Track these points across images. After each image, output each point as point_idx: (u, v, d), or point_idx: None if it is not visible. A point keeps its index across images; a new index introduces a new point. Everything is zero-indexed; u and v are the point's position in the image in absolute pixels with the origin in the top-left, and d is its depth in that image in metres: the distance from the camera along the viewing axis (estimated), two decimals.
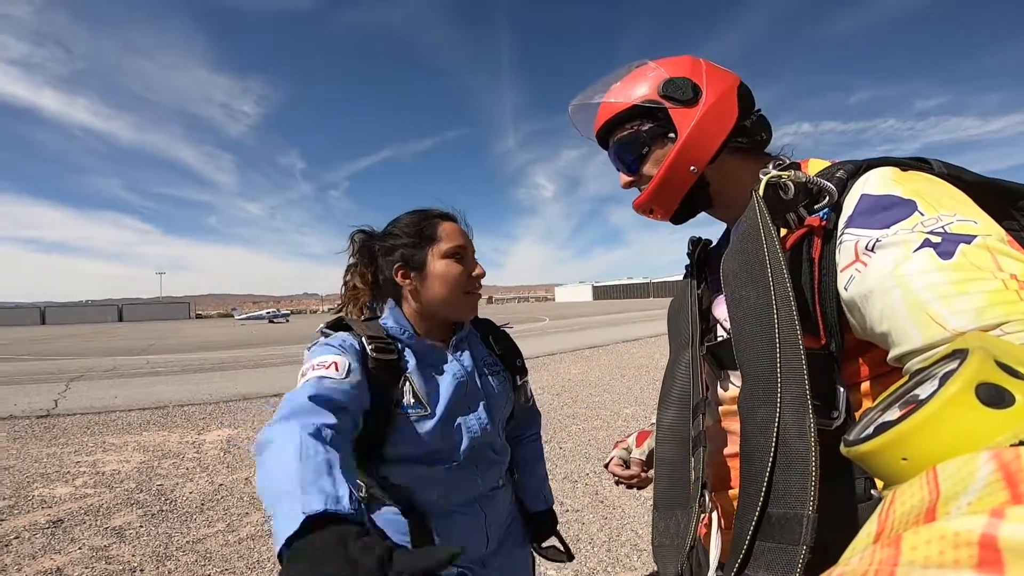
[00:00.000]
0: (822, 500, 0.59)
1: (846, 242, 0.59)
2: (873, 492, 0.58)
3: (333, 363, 0.93)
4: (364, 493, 1.06)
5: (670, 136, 0.77)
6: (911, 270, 0.51)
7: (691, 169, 0.77)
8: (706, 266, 0.92)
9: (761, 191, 0.66)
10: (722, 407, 0.80)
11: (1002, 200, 0.63)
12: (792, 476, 0.53)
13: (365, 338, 1.02)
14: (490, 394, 1.15)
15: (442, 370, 1.10)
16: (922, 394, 0.38)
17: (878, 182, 0.60)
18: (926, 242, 0.52)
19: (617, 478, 1.06)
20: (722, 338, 0.79)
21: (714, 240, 0.96)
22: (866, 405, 0.62)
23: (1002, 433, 0.31)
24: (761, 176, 0.67)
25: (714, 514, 0.78)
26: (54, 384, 9.61)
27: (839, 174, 0.63)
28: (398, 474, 1.03)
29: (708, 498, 0.74)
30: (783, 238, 0.66)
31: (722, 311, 0.79)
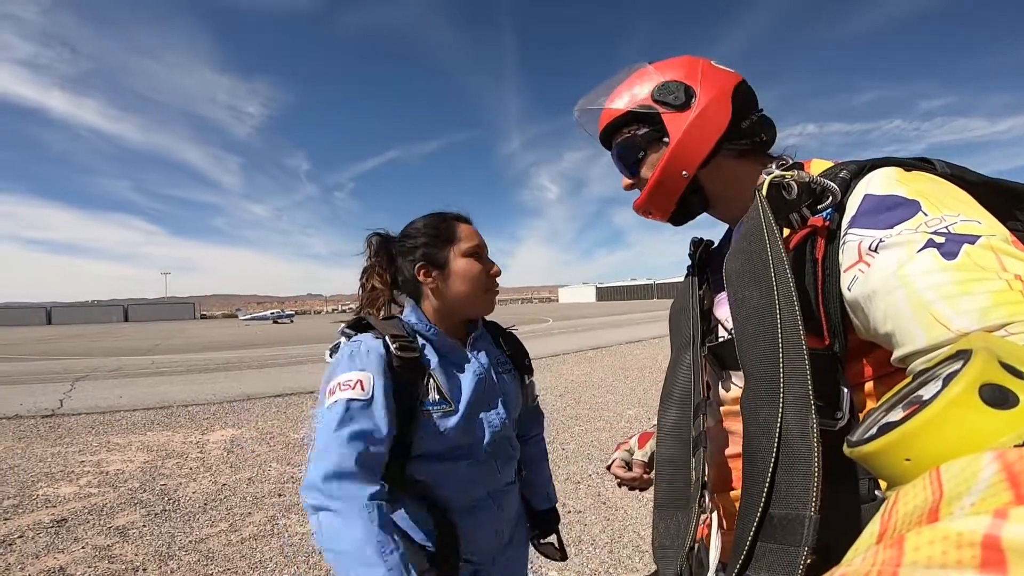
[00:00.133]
0: (825, 501, 0.59)
1: (849, 242, 0.59)
2: (877, 493, 0.58)
3: (358, 382, 0.96)
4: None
5: (664, 140, 0.78)
6: (915, 270, 0.51)
7: (683, 174, 0.77)
8: (708, 267, 0.92)
9: (764, 191, 0.65)
10: (724, 408, 0.80)
11: (1005, 200, 0.62)
12: (794, 477, 0.53)
13: (389, 337, 1.04)
14: (506, 391, 1.19)
15: (462, 367, 1.14)
16: (926, 395, 0.38)
17: (882, 182, 0.59)
18: (930, 242, 0.51)
19: (619, 480, 1.06)
20: (723, 338, 0.79)
21: (716, 241, 0.96)
22: (869, 406, 0.61)
23: (1006, 434, 0.31)
24: (764, 176, 0.66)
25: (714, 515, 0.77)
26: (59, 384, 9.66)
27: (842, 174, 0.63)
28: (421, 471, 1.05)
29: (708, 499, 0.74)
30: (786, 238, 0.65)
31: (723, 311, 0.79)
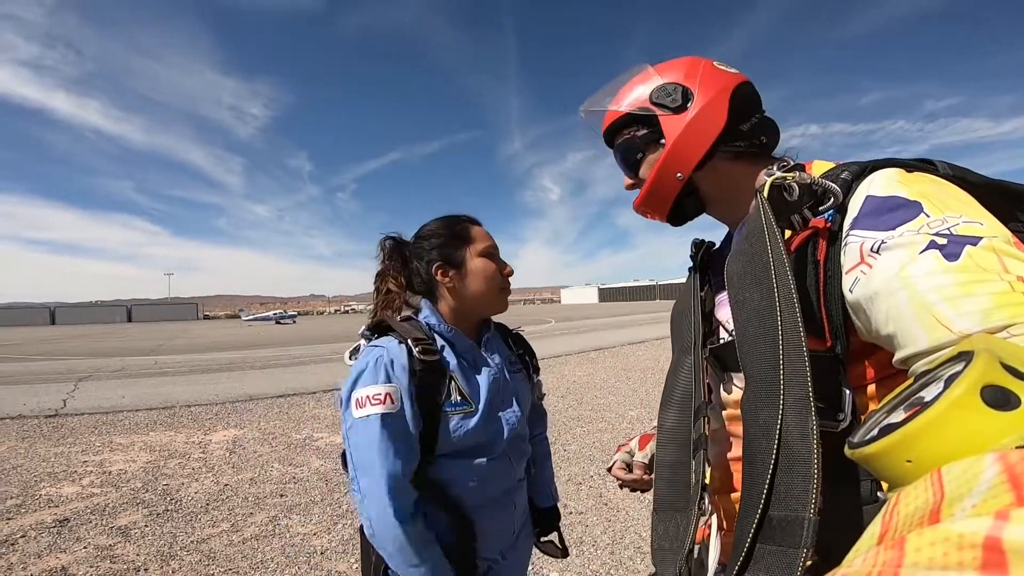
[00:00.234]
0: (827, 502, 0.58)
1: (851, 244, 0.58)
2: (879, 494, 0.57)
3: (387, 395, 0.99)
4: None
5: (661, 142, 0.78)
6: (917, 272, 0.51)
7: (677, 176, 0.78)
8: (709, 268, 0.92)
9: (766, 193, 0.65)
10: (727, 411, 0.80)
11: (1007, 202, 0.62)
12: (794, 479, 0.53)
13: (411, 340, 1.07)
14: (518, 389, 1.23)
15: (479, 367, 1.16)
16: (927, 396, 0.38)
17: (883, 183, 0.59)
18: (932, 244, 0.51)
19: (621, 482, 1.06)
20: (725, 340, 0.78)
21: (717, 242, 0.96)
22: (871, 407, 0.61)
23: (1007, 435, 0.31)
24: (765, 177, 0.66)
25: (714, 517, 0.77)
26: (63, 384, 9.69)
27: (844, 175, 0.63)
28: (441, 470, 1.07)
29: (708, 501, 0.73)
30: (788, 240, 0.65)
31: (725, 313, 0.79)
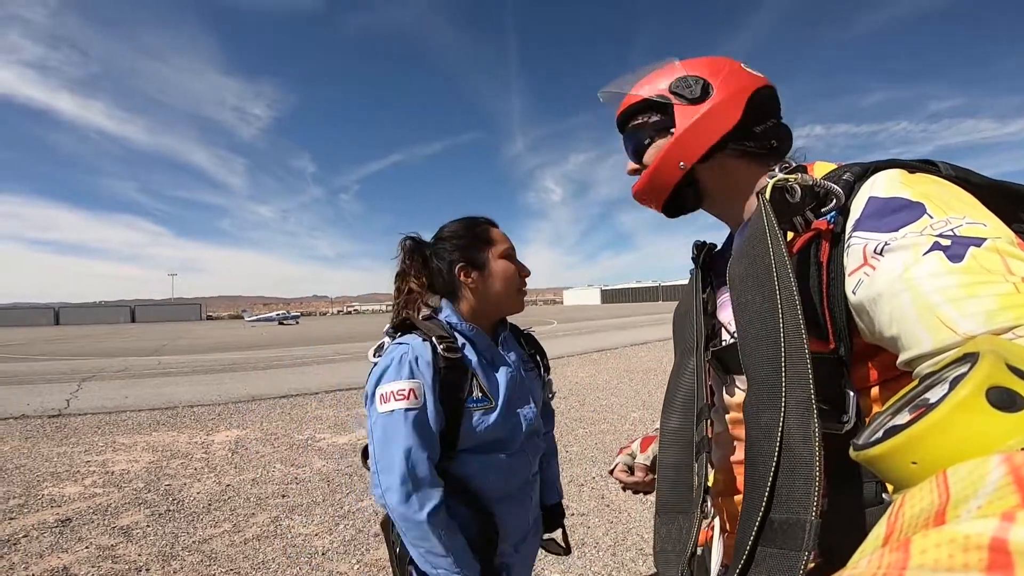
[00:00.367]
0: (832, 504, 0.58)
1: (854, 245, 0.58)
2: (884, 496, 0.57)
3: (410, 391, 1.03)
4: None
5: (671, 131, 0.78)
6: (921, 273, 0.50)
7: (679, 165, 0.78)
8: (711, 270, 0.92)
9: (768, 195, 0.65)
10: (730, 414, 0.80)
11: (1010, 203, 0.62)
12: (796, 481, 0.52)
13: (436, 338, 1.10)
14: (532, 387, 1.27)
15: (497, 365, 1.21)
16: (932, 398, 0.38)
17: (886, 184, 0.59)
18: (935, 245, 0.51)
19: (623, 484, 1.06)
20: (727, 342, 0.78)
21: (719, 244, 0.95)
22: (876, 409, 0.61)
23: (1013, 437, 0.31)
24: (767, 179, 0.66)
25: (716, 519, 0.77)
26: (66, 384, 9.73)
27: (846, 176, 0.62)
28: (463, 465, 1.10)
29: (711, 503, 0.73)
30: (790, 242, 0.65)
31: (726, 315, 0.79)
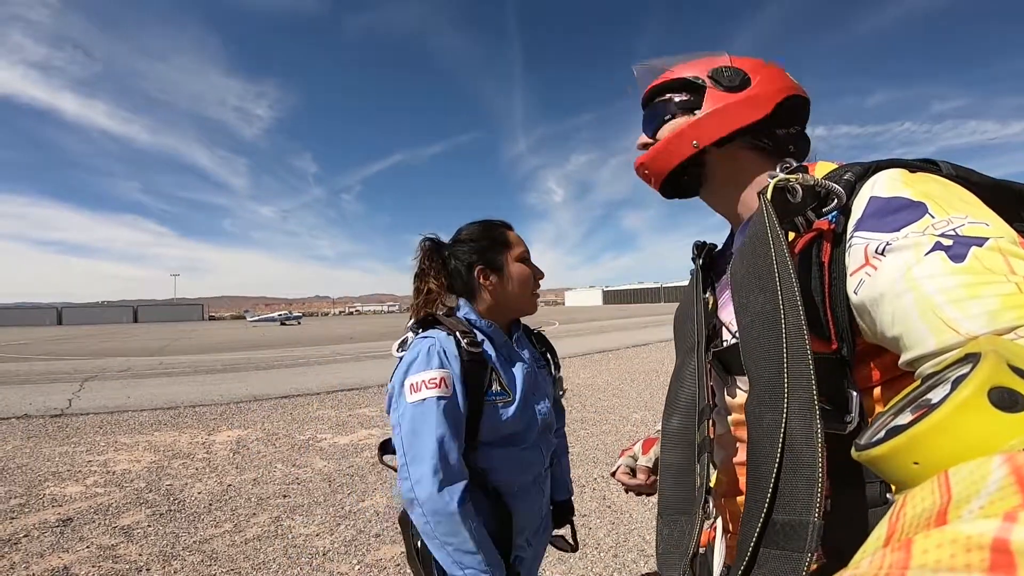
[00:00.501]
0: (836, 504, 0.58)
1: (855, 245, 0.58)
2: (888, 496, 0.57)
3: (441, 379, 1.06)
4: None
5: (695, 112, 0.78)
6: (922, 273, 0.50)
7: (693, 143, 0.78)
8: (711, 271, 0.92)
9: (769, 195, 0.65)
10: (732, 416, 0.79)
11: (1011, 202, 0.61)
12: (798, 482, 0.52)
13: (459, 332, 1.14)
14: (545, 383, 1.31)
15: (513, 361, 1.24)
16: (934, 398, 0.37)
17: (887, 184, 0.59)
18: (937, 245, 0.51)
19: (625, 486, 1.06)
20: (728, 343, 0.78)
21: (719, 244, 0.95)
22: (878, 410, 0.61)
23: (1015, 437, 0.30)
24: (769, 179, 0.66)
25: (719, 520, 0.77)
26: (69, 384, 9.76)
27: (847, 176, 0.62)
28: (482, 458, 1.13)
29: (713, 504, 0.73)
30: (791, 242, 0.65)
31: (727, 315, 0.78)
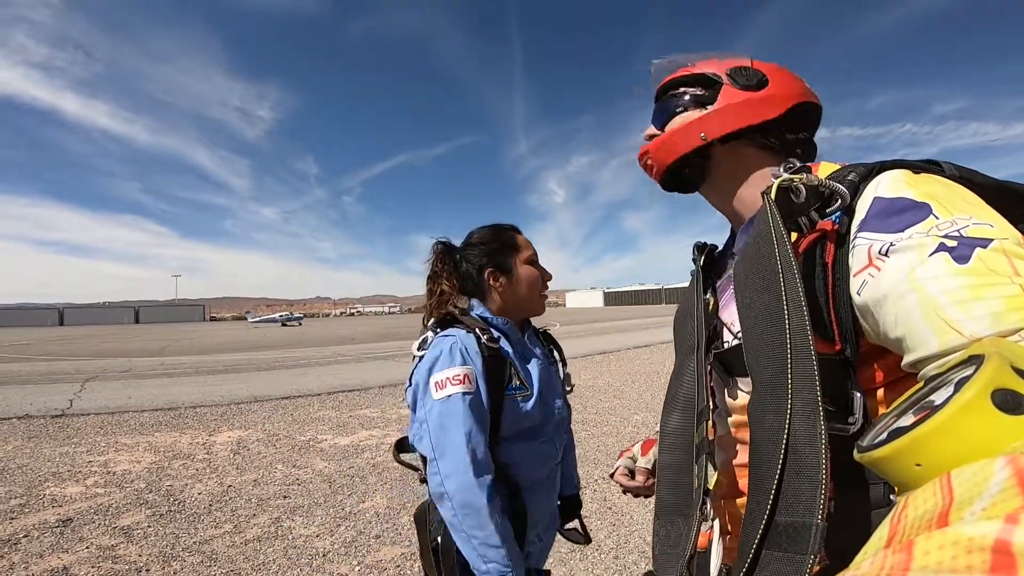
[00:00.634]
0: (839, 506, 0.58)
1: (859, 246, 0.58)
2: (892, 497, 0.56)
3: (465, 376, 1.09)
4: None
5: (708, 107, 0.78)
6: (926, 275, 0.50)
7: (700, 135, 0.78)
8: (712, 271, 0.91)
9: (773, 195, 0.65)
10: (733, 417, 0.79)
11: (1015, 203, 0.61)
12: (801, 484, 0.52)
13: (479, 330, 1.17)
14: (556, 378, 1.35)
15: (528, 357, 1.28)
16: (937, 400, 0.37)
17: (891, 184, 0.59)
18: (941, 246, 0.50)
19: (624, 488, 1.06)
20: (729, 344, 0.78)
21: (719, 245, 0.95)
22: (881, 411, 0.60)
23: (1018, 439, 0.30)
24: (772, 178, 0.66)
25: (716, 522, 0.76)
26: (70, 384, 9.76)
27: (851, 177, 0.62)
28: (503, 453, 1.15)
29: (711, 506, 0.72)
30: (795, 243, 0.65)
31: (728, 316, 0.78)
